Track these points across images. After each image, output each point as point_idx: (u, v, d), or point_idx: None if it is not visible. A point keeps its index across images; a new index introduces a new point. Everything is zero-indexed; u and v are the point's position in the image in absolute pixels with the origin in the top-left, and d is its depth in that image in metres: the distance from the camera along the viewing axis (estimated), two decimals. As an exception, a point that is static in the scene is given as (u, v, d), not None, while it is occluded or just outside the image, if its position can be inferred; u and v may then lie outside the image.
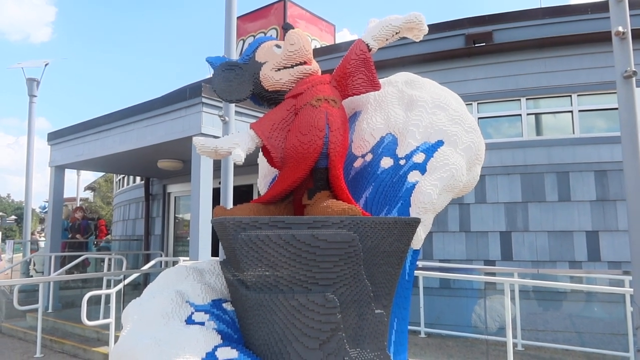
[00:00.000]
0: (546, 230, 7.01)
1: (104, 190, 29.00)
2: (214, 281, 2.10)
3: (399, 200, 2.10)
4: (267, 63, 2.13)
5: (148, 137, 7.09)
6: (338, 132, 1.99)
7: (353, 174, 2.26)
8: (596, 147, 6.99)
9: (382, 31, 2.15)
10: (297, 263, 1.69)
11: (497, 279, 5.92)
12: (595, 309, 6.61)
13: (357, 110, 2.41)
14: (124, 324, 1.98)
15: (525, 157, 7.29)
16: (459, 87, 7.23)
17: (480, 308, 6.52)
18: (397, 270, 1.94)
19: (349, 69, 2.14)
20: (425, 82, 2.39)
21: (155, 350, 1.71)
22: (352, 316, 1.76)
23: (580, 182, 6.97)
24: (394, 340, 2.10)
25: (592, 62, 7.17)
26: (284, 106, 2.08)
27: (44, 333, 6.49)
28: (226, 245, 1.87)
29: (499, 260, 7.14)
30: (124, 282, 5.96)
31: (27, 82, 11.86)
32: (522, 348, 6.07)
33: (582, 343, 6.14)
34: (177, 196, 11.25)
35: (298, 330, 1.70)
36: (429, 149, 2.16)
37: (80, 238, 11.52)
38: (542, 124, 7.58)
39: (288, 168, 1.98)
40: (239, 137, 1.99)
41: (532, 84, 7.44)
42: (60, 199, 9.33)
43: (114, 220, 14.78)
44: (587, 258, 6.78)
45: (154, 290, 2.05)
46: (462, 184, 2.19)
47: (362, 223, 1.74)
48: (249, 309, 1.78)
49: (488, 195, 7.34)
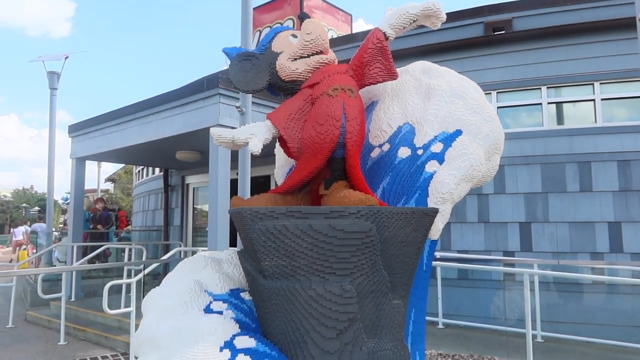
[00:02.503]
0: (567, 221, 6.90)
1: (124, 181, 29.41)
2: (231, 271, 2.12)
3: (417, 191, 2.08)
4: (283, 53, 2.12)
5: (166, 129, 7.15)
6: (355, 122, 1.98)
7: (370, 164, 2.25)
8: (619, 137, 6.84)
9: (399, 19, 2.12)
10: (314, 253, 1.69)
11: (517, 270, 5.86)
12: (617, 301, 6.51)
13: (374, 100, 2.39)
14: (143, 313, 2.01)
15: (546, 147, 7.16)
16: (478, 76, 7.10)
17: (499, 299, 6.47)
18: (414, 260, 1.93)
19: (365, 58, 2.12)
20: (443, 70, 2.36)
21: (174, 338, 1.74)
22: (370, 306, 1.76)
23: (603, 172, 6.83)
24: (412, 330, 2.09)
25: (615, 49, 6.99)
26: (300, 96, 2.07)
27: (67, 321, 6.64)
28: (243, 235, 1.88)
29: (518, 251, 7.06)
30: (144, 271, 6.05)
31: (48, 75, 12.02)
32: (541, 340, 6.02)
33: (604, 335, 6.04)
34: (196, 187, 11.35)
35: (315, 320, 1.70)
36: (447, 139, 2.14)
37: (101, 229, 11.72)
38: (563, 113, 7.43)
39: (305, 158, 1.98)
40: (255, 128, 1.99)
41: (553, 73, 7.29)
42: (82, 191, 9.48)
43: (134, 211, 14.98)
44: (609, 249, 6.66)
45: (172, 280, 2.08)
46: (480, 174, 2.16)
47: (379, 213, 1.73)
48: (267, 299, 1.79)
49: (507, 186, 7.25)
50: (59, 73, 12.03)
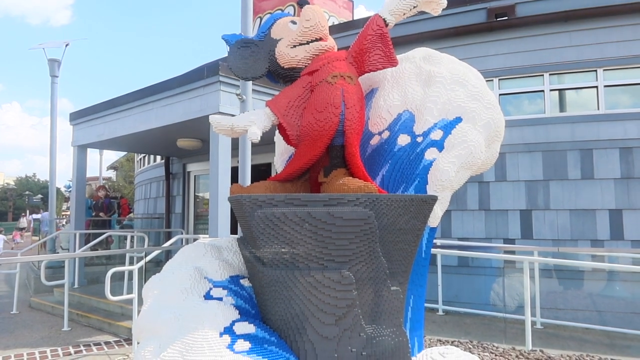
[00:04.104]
0: (568, 209, 6.90)
1: (126, 169, 29.43)
2: (231, 258, 2.13)
3: (416, 178, 2.09)
4: (282, 40, 2.11)
5: (167, 116, 7.14)
6: (354, 109, 1.98)
7: (369, 151, 2.25)
8: (622, 124, 6.80)
9: (399, 5, 2.11)
10: (313, 240, 1.70)
11: (517, 257, 5.87)
12: (617, 288, 6.53)
13: (374, 87, 2.38)
14: (144, 299, 2.03)
15: (548, 134, 7.14)
16: (480, 62, 7.08)
17: (499, 286, 6.50)
18: (413, 247, 1.94)
19: (365, 44, 2.11)
20: (443, 57, 2.34)
21: (175, 324, 1.76)
22: (368, 293, 1.77)
23: (605, 159, 6.81)
24: (410, 317, 2.11)
25: (619, 35, 6.93)
26: (299, 83, 2.07)
27: (71, 308, 6.69)
28: (243, 222, 1.89)
29: (519, 239, 7.07)
30: (146, 259, 6.08)
31: (49, 63, 11.99)
32: (541, 326, 6.05)
33: (603, 322, 6.08)
34: (197, 175, 11.36)
35: (314, 306, 1.71)
36: (447, 126, 2.13)
37: (103, 216, 11.77)
38: (566, 100, 7.39)
39: (304, 146, 1.98)
40: (255, 115, 1.99)
41: (556, 59, 7.23)
42: (84, 178, 9.50)
43: (136, 198, 15.02)
44: (610, 237, 6.67)
45: (173, 267, 2.09)
46: (480, 161, 2.16)
47: (378, 200, 1.73)
48: (266, 285, 1.80)
49: (508, 173, 7.24)
50: (60, 61, 11.99)
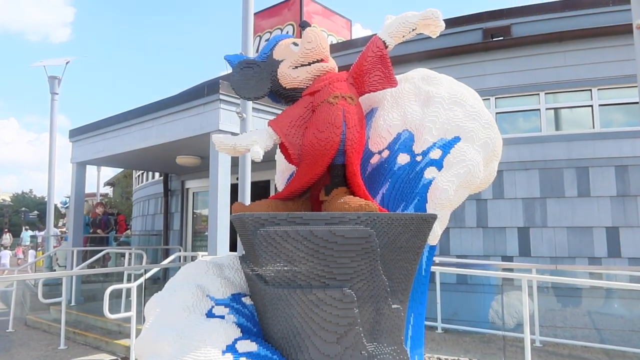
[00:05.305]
0: (565, 226, 6.93)
1: (123, 185, 29.39)
2: (233, 276, 2.14)
3: (416, 197, 2.11)
4: (284, 61, 2.16)
5: (167, 134, 7.18)
6: (355, 129, 2.01)
7: (370, 170, 2.28)
8: (617, 142, 6.88)
9: (398, 28, 2.16)
10: (314, 258, 1.72)
11: (515, 275, 5.87)
12: (616, 305, 6.52)
13: (374, 107, 2.43)
14: (146, 317, 2.04)
15: (544, 152, 7.20)
16: (477, 82, 7.16)
17: (497, 304, 6.49)
18: (413, 265, 1.96)
19: (365, 66, 2.16)
20: (442, 78, 2.39)
21: (177, 342, 1.76)
22: (369, 311, 1.78)
23: (600, 177, 6.86)
24: (411, 335, 2.11)
25: (613, 55, 7.04)
26: (301, 103, 2.11)
27: (68, 325, 6.64)
28: (245, 240, 1.91)
29: (517, 256, 7.09)
30: (145, 276, 6.06)
31: (49, 80, 12.07)
32: (540, 344, 6.03)
33: (602, 340, 6.06)
34: (196, 192, 11.36)
35: (316, 324, 1.73)
36: (446, 145, 2.17)
37: (101, 233, 11.72)
38: (561, 118, 7.48)
39: (305, 165, 2.01)
40: (257, 135, 2.02)
41: (551, 78, 7.34)
42: (82, 195, 9.49)
43: (134, 215, 14.98)
44: (607, 254, 6.69)
45: (175, 285, 2.10)
46: (479, 180, 2.19)
47: (378, 219, 1.76)
48: (268, 303, 1.81)
49: (506, 191, 7.28)
50: (60, 78, 12.07)
